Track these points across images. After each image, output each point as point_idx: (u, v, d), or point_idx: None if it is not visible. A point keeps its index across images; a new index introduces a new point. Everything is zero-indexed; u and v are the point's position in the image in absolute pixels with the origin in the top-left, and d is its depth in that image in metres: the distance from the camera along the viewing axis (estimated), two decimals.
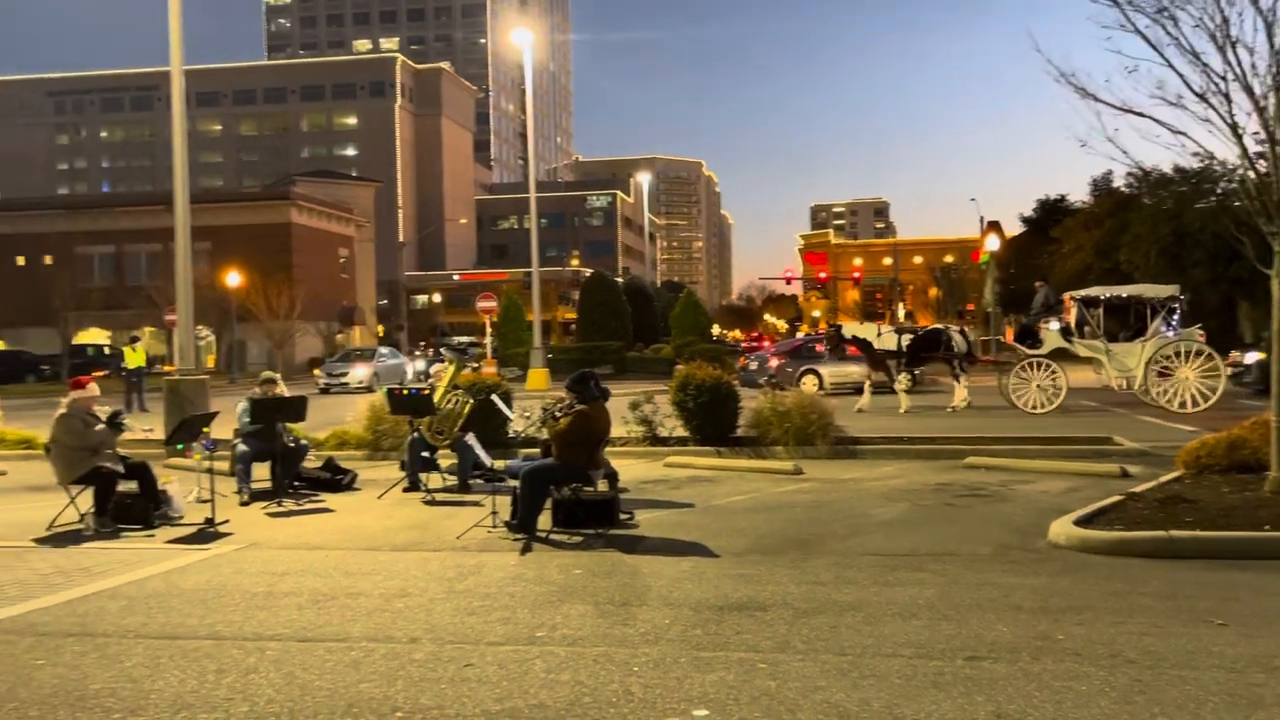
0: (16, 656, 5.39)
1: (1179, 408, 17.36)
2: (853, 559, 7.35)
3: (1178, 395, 17.62)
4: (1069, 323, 19.16)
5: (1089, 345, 18.77)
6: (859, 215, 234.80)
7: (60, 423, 9.28)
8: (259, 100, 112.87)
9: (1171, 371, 17.83)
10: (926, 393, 25.57)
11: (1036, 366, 18.49)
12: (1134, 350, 18.23)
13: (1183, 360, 17.72)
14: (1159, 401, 17.82)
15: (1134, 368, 18.21)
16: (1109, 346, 18.56)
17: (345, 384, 34.43)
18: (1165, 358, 17.90)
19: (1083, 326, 18.94)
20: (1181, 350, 17.79)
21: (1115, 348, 18.47)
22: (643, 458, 13.21)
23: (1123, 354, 18.34)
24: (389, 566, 7.43)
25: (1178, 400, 17.53)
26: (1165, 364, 17.89)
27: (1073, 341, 18.88)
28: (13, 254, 61.74)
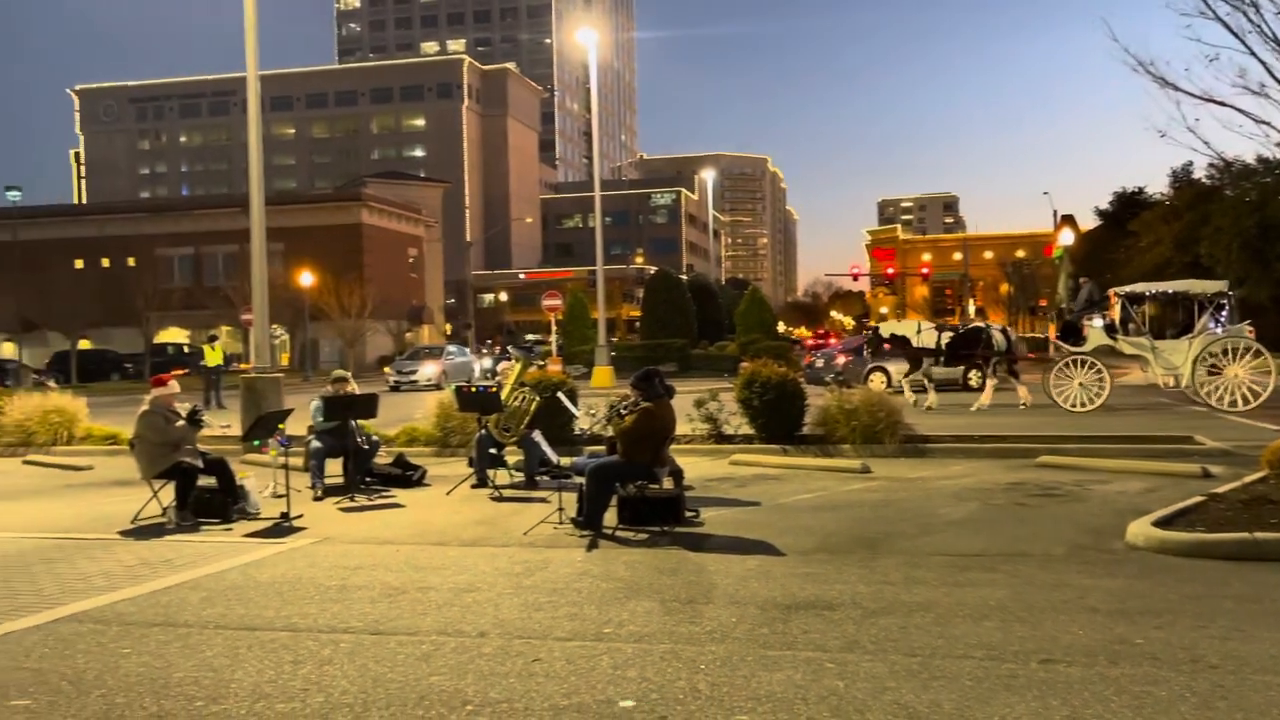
0: (104, 645, 5.59)
1: (1228, 406, 16.87)
2: (922, 559, 7.26)
3: (1227, 393, 17.11)
4: (1113, 319, 18.71)
5: (1134, 342, 18.32)
6: (927, 210, 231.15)
7: (143, 419, 9.59)
8: (330, 103, 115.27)
9: (1220, 369, 17.31)
10: (999, 390, 25.07)
11: (1079, 364, 18.09)
12: (1181, 347, 17.80)
13: (1232, 357, 17.23)
14: (1208, 400, 17.32)
15: (1180, 365, 17.68)
16: (1155, 344, 18.06)
17: (414, 382, 34.98)
18: (1213, 355, 17.40)
19: (1127, 323, 18.50)
20: (1230, 347, 17.29)
21: (1161, 345, 18.05)
22: (708, 455, 13.19)
23: (1169, 351, 17.90)
24: (458, 561, 7.53)
25: (1228, 399, 17.02)
26: (1214, 361, 17.37)
27: (1117, 339, 18.44)
28: (99, 256, 63.99)
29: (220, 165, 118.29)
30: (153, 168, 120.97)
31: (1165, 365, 17.91)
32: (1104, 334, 18.46)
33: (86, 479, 13.20)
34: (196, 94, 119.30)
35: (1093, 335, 18.54)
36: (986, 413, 18.39)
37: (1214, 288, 18.48)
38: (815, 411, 13.57)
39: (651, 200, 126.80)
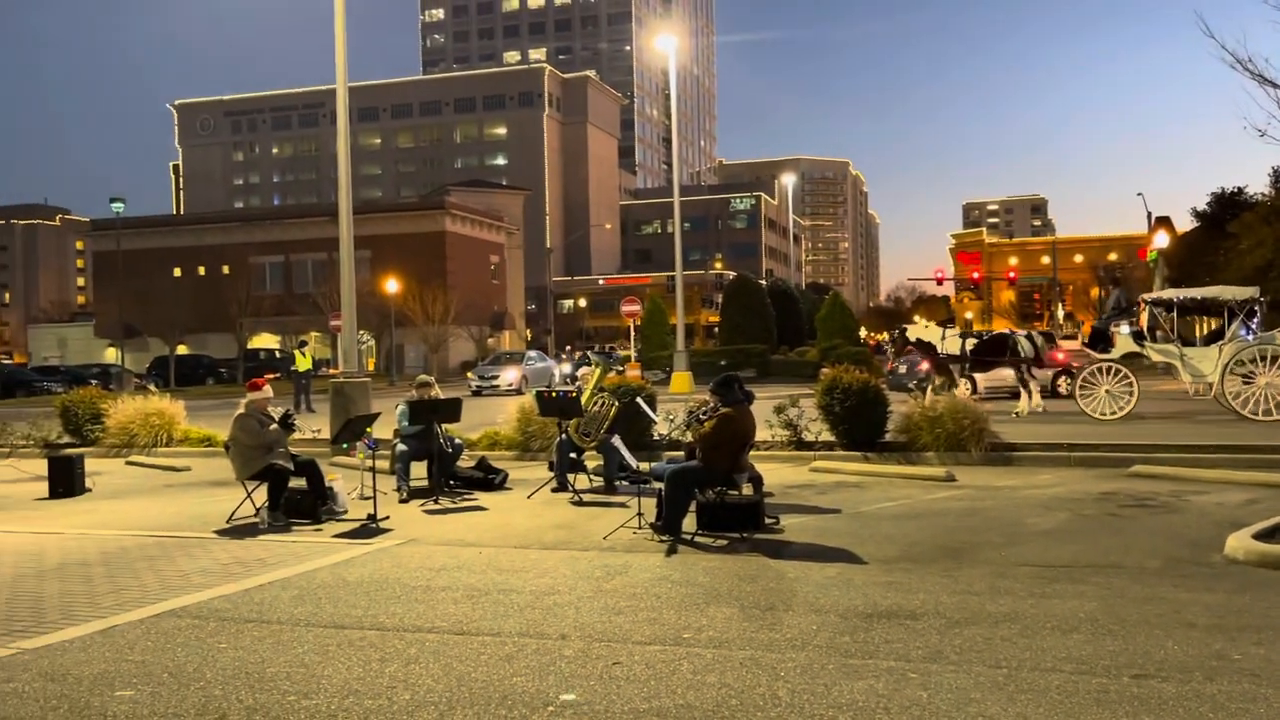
0: (202, 639, 5.81)
1: (1261, 415, 16.20)
2: (1008, 569, 7.10)
3: (1260, 402, 16.41)
4: (1142, 326, 18.18)
5: (1162, 349, 17.75)
6: (1014, 213, 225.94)
7: (238, 422, 9.93)
8: (415, 114, 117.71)
9: (1252, 377, 16.62)
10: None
11: (1106, 371, 17.58)
12: (1210, 354, 17.18)
13: (1264, 365, 16.55)
14: (1238, 408, 16.64)
15: (1209, 373, 17.10)
16: (1184, 351, 17.49)
17: (496, 386, 35.47)
18: (1245, 362, 16.70)
19: (1155, 330, 17.95)
20: (1262, 354, 16.62)
21: (1190, 352, 17.48)
22: (787, 462, 13.11)
23: (1198, 358, 17.32)
24: (539, 564, 7.63)
25: (1261, 408, 16.32)
26: (1246, 369, 16.71)
27: (1144, 345, 17.88)
28: (196, 264, 66.39)
29: (309, 175, 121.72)
30: (246, 178, 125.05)
31: (1193, 373, 17.43)
32: (1132, 341, 18.06)
33: (184, 479, 13.71)
34: (288, 106, 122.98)
35: (1120, 342, 18.11)
36: (1076, 421, 17.88)
37: (1245, 294, 17.89)
38: (898, 418, 13.39)
39: (731, 205, 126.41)
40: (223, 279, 61.51)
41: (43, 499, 12.07)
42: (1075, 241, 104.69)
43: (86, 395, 17.79)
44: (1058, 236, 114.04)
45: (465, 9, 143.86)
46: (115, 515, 10.71)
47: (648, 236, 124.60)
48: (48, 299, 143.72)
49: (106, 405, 17.06)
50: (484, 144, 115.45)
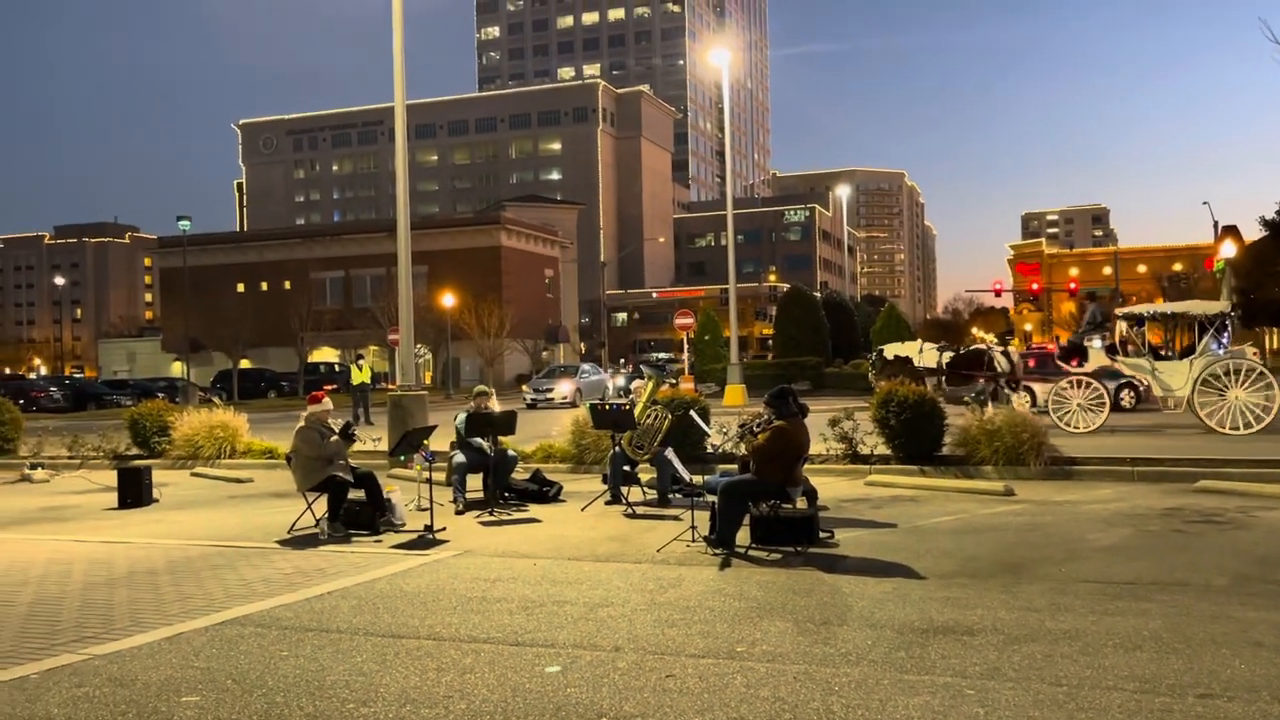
0: (265, 647, 5.93)
1: (1229, 429, 16.18)
2: (1069, 585, 6.98)
3: (1228, 416, 16.41)
4: (1114, 341, 18.42)
5: (1133, 363, 18.02)
6: (1075, 223, 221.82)
7: (300, 434, 10.13)
8: (471, 130, 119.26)
9: (1222, 391, 16.68)
10: (1144, 411, 23.83)
11: (1078, 385, 17.72)
12: (1181, 368, 17.41)
13: (1234, 379, 16.66)
14: (1208, 422, 16.60)
15: (1179, 387, 17.29)
16: (1155, 365, 17.75)
17: (550, 399, 35.68)
18: (1215, 376, 16.76)
19: (1126, 344, 18.19)
20: (1233, 368, 16.73)
21: (1161, 366, 17.74)
22: (842, 475, 13.01)
23: (1168, 372, 17.57)
24: (592, 576, 7.67)
25: (1229, 422, 16.31)
26: (1216, 383, 16.76)
27: (1116, 359, 18.12)
28: (259, 280, 67.88)
29: (368, 191, 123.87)
30: (307, 195, 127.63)
31: (1164, 387, 17.62)
32: (1104, 355, 18.28)
33: (247, 490, 14.00)
34: (347, 124, 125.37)
35: (1093, 356, 18.32)
36: (1139, 434, 17.50)
37: (1215, 308, 18.10)
38: (955, 431, 13.22)
39: (785, 217, 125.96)
40: (284, 294, 62.82)
41: (112, 509, 12.41)
42: (1138, 252, 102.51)
43: (154, 408, 18.25)
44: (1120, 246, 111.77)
45: (520, 27, 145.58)
46: (181, 525, 10.98)
47: (701, 249, 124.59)
48: (117, 314, 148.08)
49: (173, 418, 17.48)
50: (539, 159, 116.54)
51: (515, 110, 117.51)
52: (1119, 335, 18.43)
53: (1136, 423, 18.98)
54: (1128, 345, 18.28)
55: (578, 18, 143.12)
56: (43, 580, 8.11)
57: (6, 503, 13.40)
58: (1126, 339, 18.26)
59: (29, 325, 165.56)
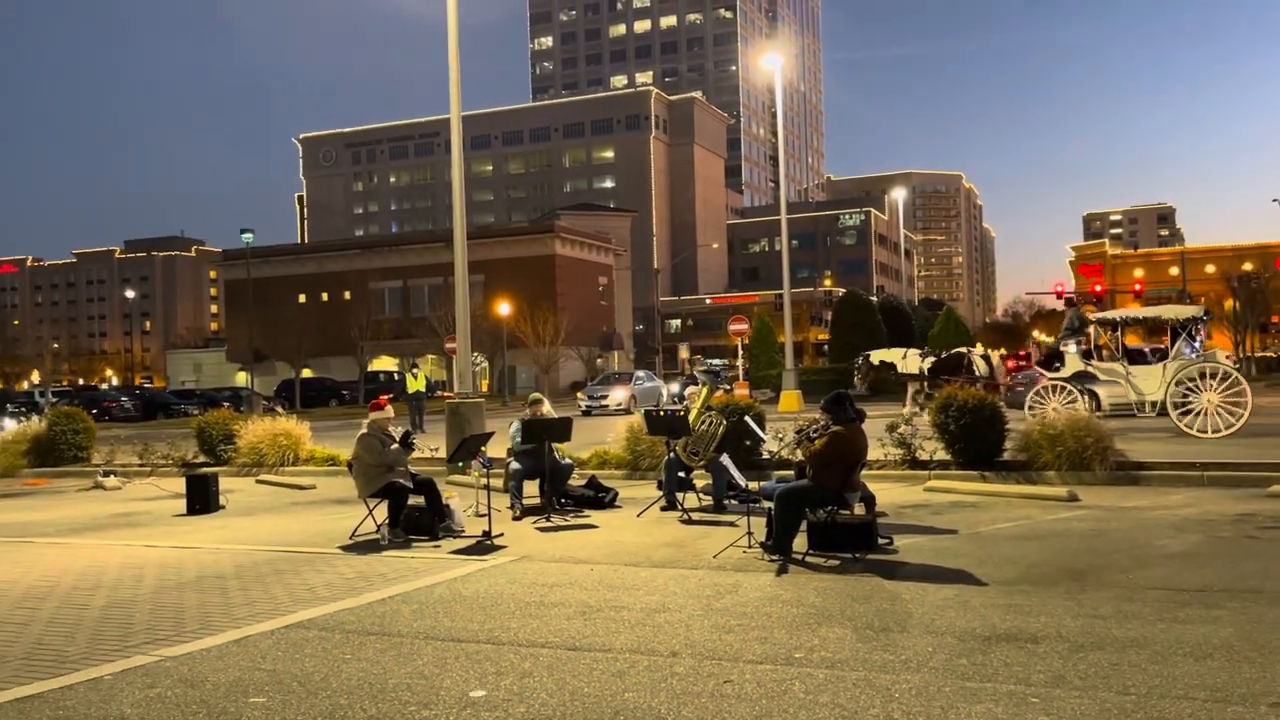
0: (328, 651, 6.05)
1: (1198, 431, 16.19)
2: (1136, 593, 6.82)
3: (1200, 419, 16.41)
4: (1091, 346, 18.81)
5: (1107, 368, 18.18)
6: (1139, 223, 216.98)
7: (361, 441, 10.30)
8: (525, 140, 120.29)
9: (1194, 395, 16.75)
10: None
11: (1055, 390, 17.95)
12: (1154, 372, 17.68)
13: (1206, 383, 16.74)
14: (1180, 425, 16.58)
15: (1153, 391, 17.45)
16: (1129, 369, 17.95)
17: (605, 406, 35.82)
18: (1188, 380, 16.87)
19: (1101, 349, 18.53)
20: (1205, 372, 16.82)
21: (1135, 370, 18.00)
22: (900, 481, 12.86)
23: (1142, 376, 17.81)
24: (649, 582, 7.68)
25: (1198, 425, 16.31)
26: (1188, 387, 16.82)
27: (1091, 364, 18.29)
28: (319, 291, 69.14)
29: (425, 203, 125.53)
30: (365, 207, 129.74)
31: (1138, 391, 17.78)
32: (1079, 360, 18.48)
33: (310, 497, 14.27)
34: (404, 137, 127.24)
35: (1070, 361, 18.55)
36: (1211, 440, 17.04)
37: (1187, 313, 18.34)
38: (1016, 436, 12.99)
39: (839, 221, 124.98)
40: (344, 304, 63.90)
41: (181, 515, 12.73)
42: (1206, 251, 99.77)
43: (220, 417, 18.70)
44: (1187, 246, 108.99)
45: (573, 36, 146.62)
46: (247, 531, 11.23)
47: (754, 255, 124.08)
48: (184, 326, 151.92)
49: (238, 427, 17.89)
50: (592, 167, 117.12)
51: (568, 119, 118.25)
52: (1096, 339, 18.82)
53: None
54: (1103, 349, 18.59)
55: (630, 26, 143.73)
56: (116, 584, 8.35)
57: (81, 509, 13.83)
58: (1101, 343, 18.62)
59: (101, 337, 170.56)
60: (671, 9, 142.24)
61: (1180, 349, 17.69)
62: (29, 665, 5.94)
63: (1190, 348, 17.83)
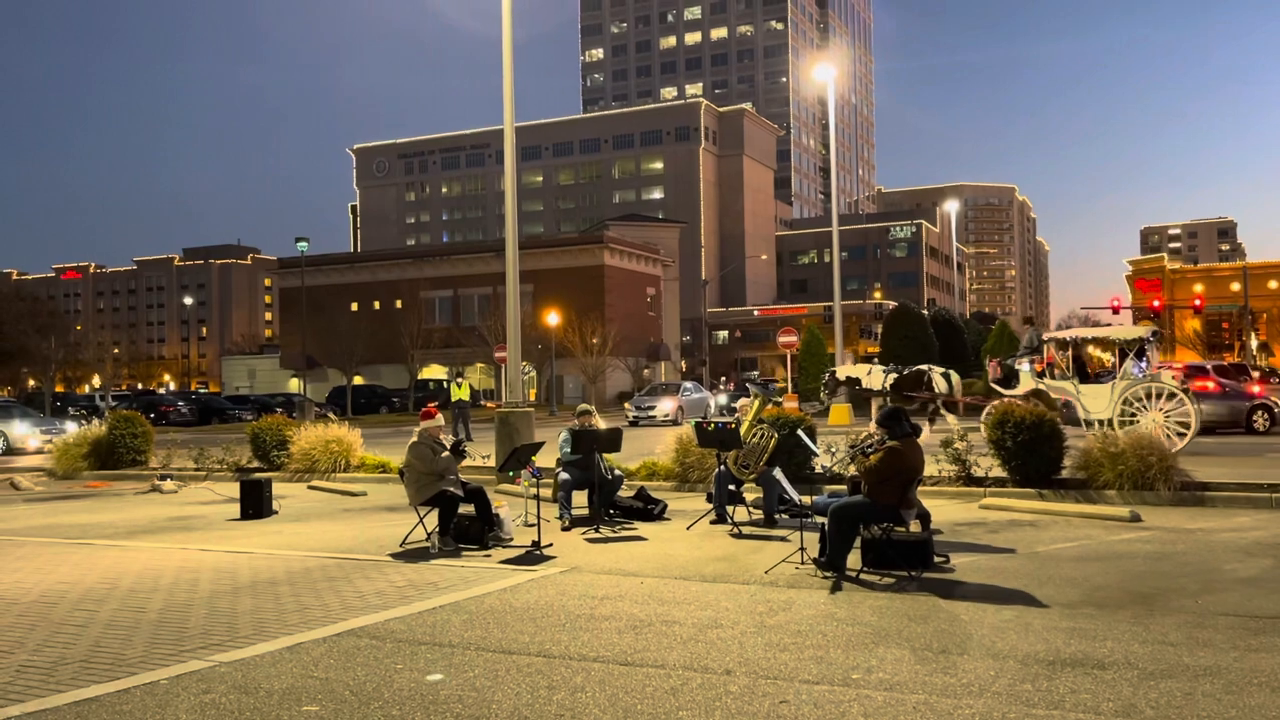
0: (380, 659, 6.04)
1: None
2: (1206, 619, 6.59)
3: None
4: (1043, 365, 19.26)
5: (1059, 387, 18.68)
6: (1198, 237, 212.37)
7: (413, 449, 10.33)
8: (575, 151, 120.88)
9: (1141, 413, 17.14)
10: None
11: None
12: (1104, 391, 18.09)
13: (1152, 401, 17.33)
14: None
15: (1102, 410, 17.77)
16: (1080, 387, 18.43)
17: (652, 417, 35.73)
18: (1135, 399, 17.44)
19: (1053, 368, 19.07)
20: (1152, 391, 17.43)
21: (1085, 389, 18.41)
22: (955, 498, 12.62)
23: (1092, 395, 18.23)
24: (700, 597, 7.58)
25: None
26: (1135, 405, 17.25)
27: (1043, 382, 18.77)
28: (371, 299, 69.99)
29: (476, 213, 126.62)
30: (417, 217, 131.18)
31: (1086, 409, 18.17)
32: (1033, 378, 19.09)
33: (361, 504, 14.36)
34: (456, 148, 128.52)
35: (1024, 379, 19.17)
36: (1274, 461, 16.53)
37: (1134, 334, 18.94)
38: (1075, 454, 12.69)
39: (890, 234, 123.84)
40: (395, 313, 64.58)
41: (235, 520, 12.89)
42: (1269, 266, 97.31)
43: (274, 423, 18.93)
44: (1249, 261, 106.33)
45: (624, 48, 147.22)
46: (299, 537, 11.31)
47: (804, 266, 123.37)
48: (239, 332, 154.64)
49: (291, 433, 18.08)
50: (641, 178, 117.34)
51: (618, 130, 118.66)
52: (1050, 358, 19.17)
53: (1268, 445, 17.91)
54: (1055, 368, 19.07)
55: (680, 38, 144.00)
56: (172, 588, 8.45)
57: (139, 512, 14.06)
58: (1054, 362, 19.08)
59: (159, 343, 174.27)
60: (722, 21, 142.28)
61: (1128, 369, 18.10)
62: (87, 668, 6.00)
63: (1138, 368, 18.28)
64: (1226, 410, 23.25)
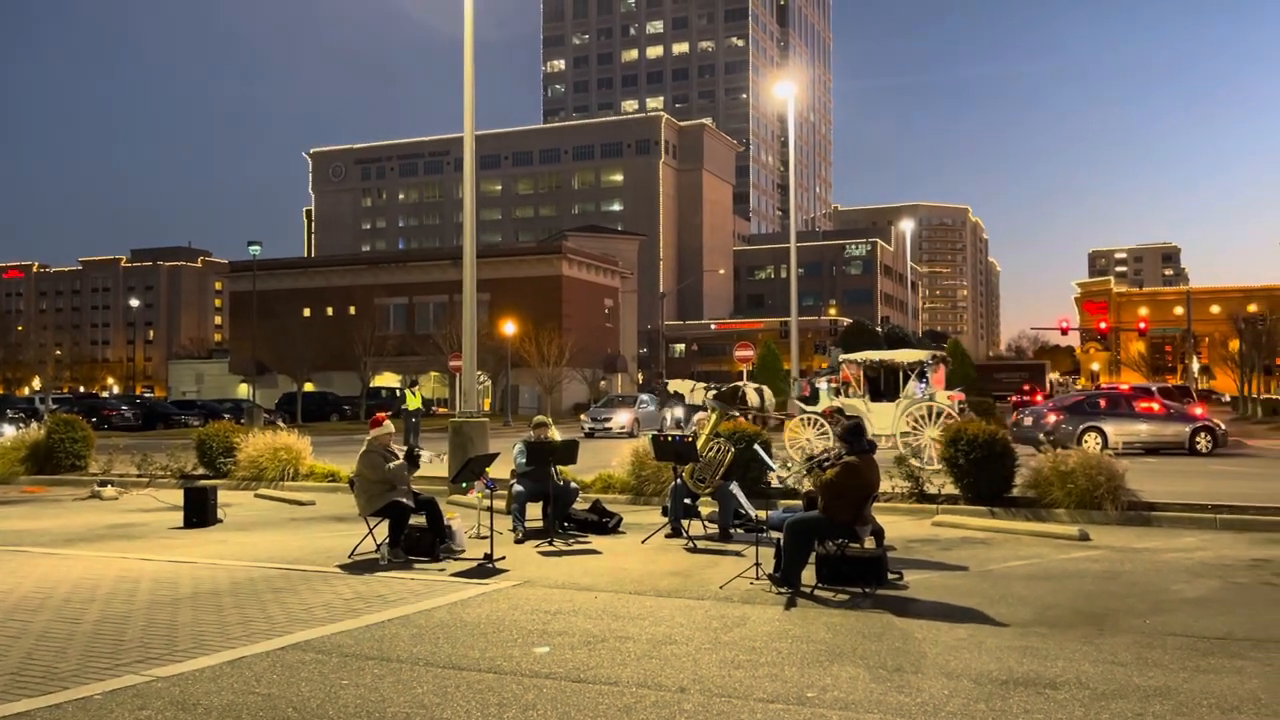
0: (325, 675, 5.87)
1: (925, 463, 16.98)
2: (1155, 639, 6.64)
3: (925, 452, 17.82)
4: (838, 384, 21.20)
5: (851, 405, 20.34)
6: (1144, 262, 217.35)
7: (363, 458, 10.14)
8: (535, 161, 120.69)
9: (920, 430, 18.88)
10: (1232, 456, 23.02)
11: (809, 423, 20.17)
12: (889, 410, 19.92)
13: (929, 420, 19.00)
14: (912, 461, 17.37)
15: (887, 426, 19.43)
16: (870, 406, 20.21)
17: (608, 429, 35.62)
18: (916, 417, 19.10)
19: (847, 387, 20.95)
20: (929, 411, 19.21)
21: (875, 407, 20.23)
22: (908, 515, 12.68)
23: (879, 413, 19.98)
24: (654, 612, 7.50)
25: (925, 457, 17.48)
26: (916, 423, 18.96)
27: (838, 399, 20.68)
28: (324, 305, 69.12)
29: (433, 220, 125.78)
30: (373, 223, 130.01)
31: (875, 425, 19.43)
32: (830, 396, 20.96)
33: (309, 513, 14.08)
34: (414, 154, 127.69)
35: (822, 398, 20.99)
36: (1221, 477, 16.86)
37: (914, 357, 20.95)
38: (1026, 473, 12.82)
39: (846, 251, 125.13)
40: (349, 319, 63.82)
41: (178, 528, 12.56)
42: (1211, 292, 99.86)
43: (221, 429, 18.53)
44: (1192, 286, 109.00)
45: (585, 60, 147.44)
46: (244, 546, 11.05)
47: (761, 282, 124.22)
48: (188, 336, 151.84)
49: (238, 439, 17.71)
50: (601, 190, 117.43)
51: (578, 142, 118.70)
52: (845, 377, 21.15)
53: (1225, 469, 18.27)
54: (849, 388, 20.91)
55: (642, 51, 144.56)
56: (110, 598, 8.18)
57: (77, 519, 13.66)
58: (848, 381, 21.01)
59: (104, 345, 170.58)
60: (684, 36, 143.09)
61: (911, 390, 19.78)
62: (18, 681, 5.77)
63: (919, 388, 19.87)
64: (1171, 432, 23.72)
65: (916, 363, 20.47)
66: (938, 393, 20.37)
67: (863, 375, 21.03)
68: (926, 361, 20.45)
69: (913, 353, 22.04)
